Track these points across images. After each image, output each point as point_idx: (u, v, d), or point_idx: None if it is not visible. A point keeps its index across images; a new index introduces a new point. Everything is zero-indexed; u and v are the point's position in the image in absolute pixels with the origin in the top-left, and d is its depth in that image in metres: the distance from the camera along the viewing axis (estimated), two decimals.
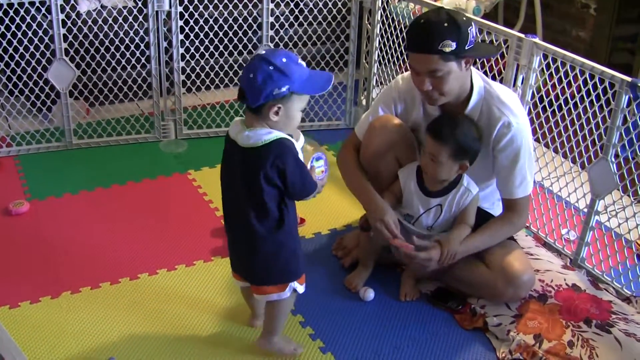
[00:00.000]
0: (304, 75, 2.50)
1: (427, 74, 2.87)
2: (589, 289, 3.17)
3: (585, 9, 5.51)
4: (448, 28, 2.77)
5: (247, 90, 2.45)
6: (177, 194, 4.05)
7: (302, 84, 2.49)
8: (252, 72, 2.43)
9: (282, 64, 2.43)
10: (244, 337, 2.98)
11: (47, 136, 4.49)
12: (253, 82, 2.42)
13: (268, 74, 2.41)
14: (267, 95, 2.43)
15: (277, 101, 2.47)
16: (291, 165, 2.50)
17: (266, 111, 2.49)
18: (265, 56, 2.44)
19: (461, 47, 2.79)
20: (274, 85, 2.43)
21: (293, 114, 2.55)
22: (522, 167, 2.96)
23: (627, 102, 3.03)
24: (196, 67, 4.71)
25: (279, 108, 2.48)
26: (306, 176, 2.58)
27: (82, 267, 3.37)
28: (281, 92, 2.45)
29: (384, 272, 3.32)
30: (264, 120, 2.52)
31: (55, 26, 4.14)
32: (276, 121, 2.51)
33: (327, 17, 4.74)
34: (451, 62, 2.82)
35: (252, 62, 2.46)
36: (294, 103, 2.53)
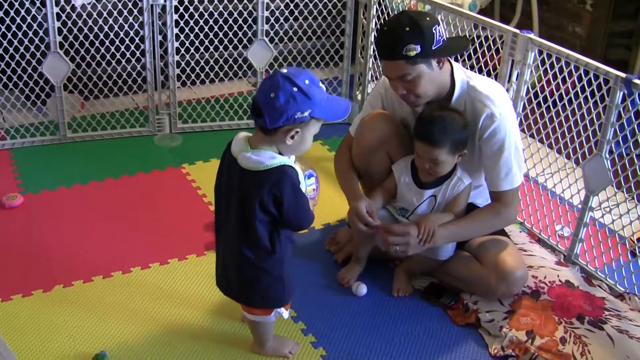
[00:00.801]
0: (324, 100, 2.37)
1: (399, 79, 2.88)
2: (583, 285, 3.17)
3: (581, 4, 5.49)
4: (410, 32, 2.77)
5: (266, 109, 2.29)
6: (171, 188, 4.04)
7: (322, 109, 2.36)
8: (273, 91, 2.27)
9: (306, 86, 2.29)
10: (236, 332, 2.97)
11: (42, 129, 4.48)
12: (273, 101, 2.27)
13: (291, 94, 2.27)
14: (288, 118, 2.30)
15: (296, 125, 2.34)
16: (289, 194, 2.37)
17: (282, 134, 2.36)
18: (289, 75, 2.29)
19: (427, 49, 2.79)
20: (297, 108, 2.29)
21: (307, 138, 2.43)
22: (507, 159, 2.95)
23: (621, 98, 3.02)
24: (191, 61, 4.69)
25: (296, 132, 2.36)
26: (303, 208, 2.46)
27: (75, 260, 3.36)
28: (303, 116, 2.32)
29: (377, 268, 3.31)
30: (275, 143, 2.40)
31: (50, 19, 4.13)
32: (289, 145, 2.39)
33: (323, 11, 4.73)
34: (419, 64, 2.82)
35: (274, 80, 2.30)
36: (310, 128, 2.41)
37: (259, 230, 2.43)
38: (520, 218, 3.64)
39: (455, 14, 3.82)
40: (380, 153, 3.16)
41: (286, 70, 2.33)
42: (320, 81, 2.39)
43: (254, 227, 2.42)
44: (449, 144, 2.90)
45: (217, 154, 4.27)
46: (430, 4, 3.99)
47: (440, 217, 3.01)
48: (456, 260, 3.14)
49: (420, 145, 2.95)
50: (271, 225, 2.45)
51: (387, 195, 3.17)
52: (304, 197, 2.46)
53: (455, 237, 3.06)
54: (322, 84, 2.38)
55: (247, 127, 4.71)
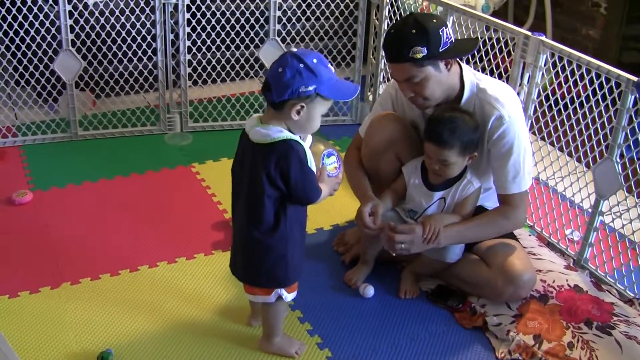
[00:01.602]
0: (332, 80, 2.46)
1: (406, 82, 2.88)
2: (591, 290, 3.15)
3: (595, 7, 5.48)
4: (416, 35, 2.77)
5: (273, 83, 2.40)
6: (180, 187, 4.04)
7: (329, 88, 2.44)
8: (281, 67, 2.39)
9: (313, 64, 2.39)
10: (242, 331, 2.97)
11: (53, 127, 4.49)
12: (281, 76, 2.38)
13: (297, 70, 2.37)
14: (292, 91, 2.39)
15: (301, 100, 2.42)
16: (295, 168, 2.45)
17: (288, 109, 2.44)
18: (297, 53, 2.40)
19: (433, 51, 2.79)
20: (302, 83, 2.38)
21: (314, 116, 2.50)
22: (515, 162, 2.93)
23: (633, 102, 3.00)
24: (202, 60, 4.70)
25: (301, 107, 2.44)
26: (310, 182, 2.52)
27: (83, 258, 3.37)
28: (307, 90, 2.40)
29: (384, 269, 3.30)
30: (284, 118, 2.47)
31: (62, 17, 4.14)
32: (296, 120, 2.46)
33: (335, 12, 4.73)
34: (426, 66, 2.82)
35: (283, 57, 2.41)
36: (317, 105, 2.48)
37: (266, 205, 2.49)
38: (529, 221, 3.63)
39: (467, 15, 3.81)
40: (389, 154, 3.15)
41: (296, 49, 2.45)
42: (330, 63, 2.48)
43: (261, 201, 2.49)
44: (458, 146, 2.89)
45: (228, 154, 4.34)
46: (442, 5, 3.98)
47: (447, 217, 3.00)
48: (464, 263, 3.13)
49: (429, 145, 2.94)
50: (279, 202, 2.52)
51: (396, 197, 3.16)
52: (310, 171, 2.52)
53: (461, 238, 3.05)
54: (332, 66, 2.47)
55: None
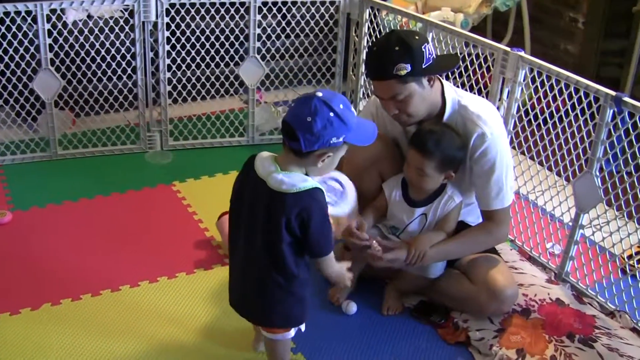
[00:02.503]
0: (356, 124, 2.37)
1: (390, 99, 2.88)
2: (573, 303, 3.16)
3: (573, 22, 5.52)
4: (399, 51, 2.76)
5: (302, 134, 2.27)
6: (161, 206, 4.03)
7: (354, 134, 2.37)
8: (310, 116, 2.26)
9: (341, 110, 2.29)
10: (226, 351, 2.96)
11: (32, 146, 4.46)
12: (311, 126, 2.26)
13: (329, 120, 2.27)
14: (323, 142, 2.29)
15: (330, 149, 2.35)
16: (316, 220, 2.34)
17: (314, 158, 2.36)
18: (325, 99, 2.28)
19: (417, 67, 2.79)
20: (333, 134, 2.29)
21: (335, 161, 2.45)
22: (498, 179, 2.94)
23: (611, 116, 3.02)
24: (182, 78, 4.69)
25: (328, 157, 2.37)
26: (326, 236, 2.42)
27: (64, 278, 3.34)
28: (338, 141, 2.32)
29: (368, 286, 3.29)
30: (306, 165, 2.40)
31: (41, 36, 4.12)
32: (319, 168, 2.40)
33: (315, 29, 4.73)
34: (410, 83, 2.82)
35: (310, 103, 2.28)
36: (340, 151, 2.42)
37: (285, 252, 2.39)
38: (511, 236, 3.64)
39: (447, 31, 3.83)
40: (372, 172, 3.16)
41: (321, 93, 2.31)
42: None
43: (281, 249, 2.38)
44: (438, 158, 2.90)
45: (209, 172, 4.33)
46: (422, 21, 4.00)
47: (432, 237, 3.00)
48: (446, 278, 3.13)
49: (412, 152, 2.95)
50: (295, 248, 2.41)
51: (378, 214, 3.16)
52: (329, 224, 2.42)
53: (445, 256, 3.06)
54: (353, 109, 2.38)
55: (238, 145, 4.72)
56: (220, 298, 3.24)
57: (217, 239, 3.66)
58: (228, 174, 4.33)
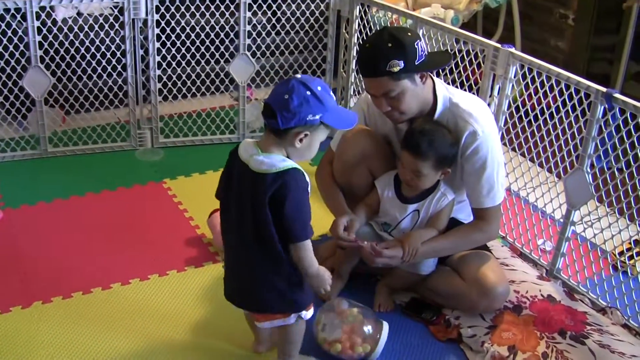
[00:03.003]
0: (334, 107, 2.44)
1: (383, 96, 2.87)
2: (564, 299, 3.16)
3: (563, 19, 5.52)
4: (392, 48, 2.77)
5: (279, 111, 2.34)
6: (152, 203, 4.02)
7: (333, 117, 2.42)
8: (288, 94, 2.34)
9: (318, 91, 2.37)
10: (217, 349, 2.95)
11: (22, 144, 4.45)
12: (287, 103, 2.33)
13: (305, 98, 2.34)
14: (300, 119, 2.35)
15: (306, 128, 2.40)
16: (292, 199, 2.38)
17: (292, 136, 2.41)
18: (303, 80, 2.37)
19: (410, 64, 2.78)
20: (309, 111, 2.35)
21: (315, 144, 2.49)
22: (489, 176, 2.95)
23: (602, 112, 3.02)
24: (173, 75, 4.68)
25: (305, 135, 2.42)
26: (302, 220, 2.44)
27: (54, 276, 3.33)
28: (314, 119, 2.38)
29: (359, 283, 3.29)
30: (285, 145, 2.44)
31: (31, 33, 4.10)
32: (297, 148, 2.44)
33: (305, 25, 4.73)
34: (403, 80, 2.81)
35: (288, 83, 2.37)
36: (319, 133, 2.47)
37: (273, 234, 2.43)
38: (502, 232, 3.64)
39: (437, 28, 3.82)
40: (362, 168, 3.15)
41: (300, 76, 2.42)
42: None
43: (269, 230, 2.42)
44: (434, 158, 2.90)
45: (199, 169, 4.32)
46: (412, 18, 3.99)
47: (423, 234, 3.00)
48: (437, 275, 3.13)
49: (405, 154, 2.94)
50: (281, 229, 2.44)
51: (370, 211, 3.15)
52: (306, 207, 2.46)
53: (437, 253, 3.06)
54: (332, 94, 2.45)
55: (229, 142, 4.71)
56: (212, 295, 3.24)
57: (208, 237, 3.65)
58: (219, 171, 4.20)
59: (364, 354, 2.83)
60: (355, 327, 2.84)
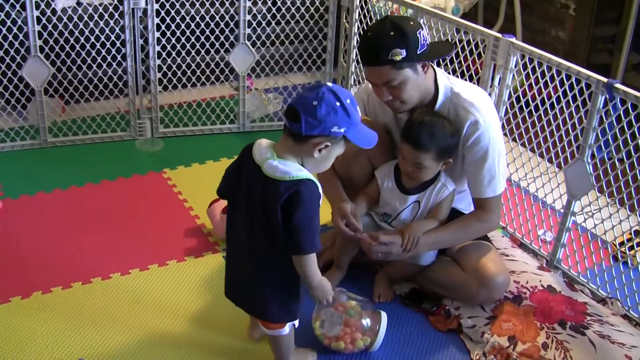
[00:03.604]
0: (358, 123, 2.40)
1: (384, 85, 2.86)
2: (565, 290, 3.16)
3: (564, 9, 5.51)
4: (394, 37, 2.75)
5: (304, 116, 2.28)
6: (151, 193, 4.02)
7: (355, 132, 2.37)
8: (317, 100, 2.28)
9: (347, 104, 2.31)
10: (217, 339, 2.95)
11: (22, 134, 4.44)
12: (315, 110, 2.27)
13: (334, 108, 2.28)
14: (324, 129, 2.29)
15: (328, 139, 2.34)
16: (302, 211, 2.31)
17: (311, 146, 2.34)
18: (334, 90, 2.31)
19: (412, 53, 2.77)
20: (336, 122, 2.30)
21: (332, 157, 2.43)
22: (490, 166, 2.94)
23: (603, 103, 3.02)
24: (172, 65, 4.66)
25: (325, 146, 2.35)
26: (311, 233, 2.36)
27: (54, 266, 3.33)
28: (339, 131, 2.32)
29: (358, 273, 3.29)
30: (302, 153, 2.38)
31: (30, 23, 4.09)
32: (315, 158, 2.38)
33: (305, 15, 4.72)
34: (405, 69, 2.80)
35: (318, 91, 2.30)
36: (338, 147, 2.41)
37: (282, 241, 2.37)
38: (502, 223, 3.63)
39: (438, 18, 3.81)
40: (362, 159, 3.14)
41: (331, 85, 2.34)
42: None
43: (279, 239, 2.36)
44: (435, 150, 2.89)
45: (199, 159, 4.32)
46: (413, 8, 3.98)
47: (424, 224, 2.99)
48: (437, 265, 3.13)
49: (406, 147, 2.93)
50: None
51: (370, 201, 3.15)
52: (317, 219, 2.39)
53: (439, 244, 3.05)
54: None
55: (229, 132, 4.70)
56: (211, 286, 3.24)
57: (208, 227, 3.65)
58: (219, 161, 4.32)
59: (364, 346, 2.83)
60: (355, 322, 2.82)
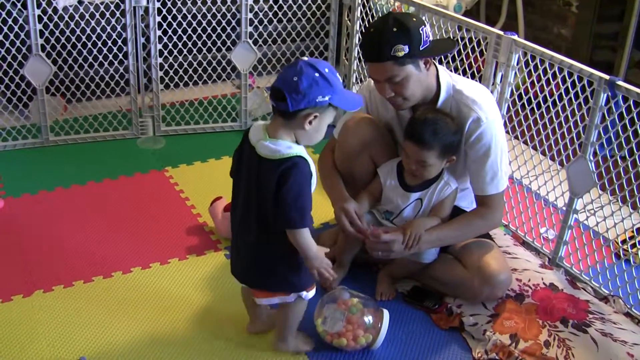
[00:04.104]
0: (341, 89, 2.47)
1: (386, 81, 2.86)
2: (567, 288, 3.15)
3: (567, 6, 5.50)
4: (397, 33, 2.75)
5: (289, 93, 2.36)
6: (153, 192, 4.01)
7: (340, 97, 2.44)
8: (297, 76, 2.35)
9: (326, 73, 2.39)
10: (220, 337, 2.94)
11: (24, 133, 4.44)
12: (297, 85, 2.35)
13: (314, 79, 2.36)
14: (309, 101, 2.37)
15: (316, 109, 2.42)
16: (292, 184, 2.41)
17: (301, 119, 2.43)
18: (310, 62, 2.39)
19: (414, 49, 2.77)
20: (319, 92, 2.37)
21: (323, 126, 2.50)
22: (493, 163, 2.93)
23: (605, 100, 3.01)
24: (174, 63, 4.66)
25: (314, 117, 2.43)
26: (299, 207, 2.45)
27: (55, 265, 3.33)
28: (324, 100, 2.39)
29: (360, 271, 3.29)
30: (293, 128, 2.46)
31: (32, 21, 4.09)
32: (307, 130, 2.45)
33: (307, 13, 4.71)
34: (407, 65, 2.80)
35: (296, 66, 2.38)
36: (327, 115, 2.48)
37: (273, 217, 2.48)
38: (504, 220, 3.63)
39: (440, 15, 3.81)
40: (364, 157, 3.14)
41: (307, 58, 2.44)
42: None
43: (271, 215, 2.47)
44: (438, 147, 2.88)
45: (201, 157, 4.32)
46: (415, 5, 3.98)
47: (427, 221, 2.99)
48: (439, 263, 3.12)
49: (409, 145, 2.92)
50: None
51: (372, 199, 3.14)
52: (307, 195, 2.47)
53: (441, 242, 3.04)
54: (338, 75, 2.48)
55: (231, 130, 4.70)
56: (214, 284, 3.24)
57: (210, 225, 3.65)
58: (220, 159, 4.31)
59: (366, 344, 2.83)
60: (357, 319, 2.83)
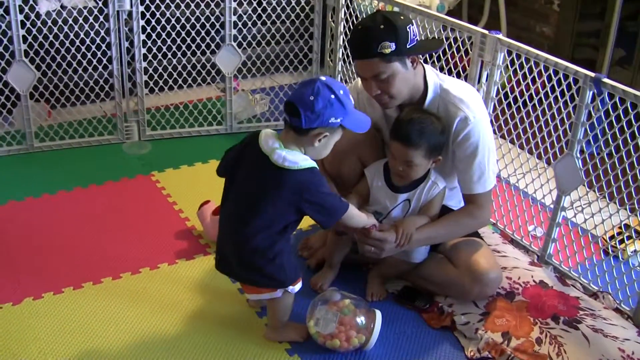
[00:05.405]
0: (353, 111, 2.60)
1: (373, 79, 2.86)
2: (556, 285, 3.17)
3: (548, 4, 5.53)
4: (384, 30, 2.76)
5: (304, 111, 2.48)
6: (140, 196, 3.99)
7: (351, 119, 2.58)
8: (313, 95, 2.47)
9: (341, 95, 2.51)
10: (211, 341, 2.94)
11: (8, 139, 4.41)
12: (312, 105, 2.47)
13: (329, 101, 2.48)
14: (322, 121, 2.51)
15: (326, 129, 2.56)
16: (316, 190, 2.57)
17: (311, 137, 2.56)
18: (328, 83, 2.50)
19: (401, 47, 2.78)
20: (332, 114, 2.51)
21: (330, 144, 2.66)
22: (480, 162, 2.94)
23: (591, 97, 3.03)
24: (159, 67, 4.64)
25: (324, 136, 2.57)
26: (331, 200, 2.64)
27: (44, 272, 3.31)
28: (335, 122, 2.53)
29: (351, 272, 3.29)
30: (304, 143, 2.59)
31: (14, 27, 4.07)
32: (315, 147, 2.60)
33: (291, 15, 4.72)
34: (393, 63, 2.81)
35: (314, 85, 2.49)
36: (336, 134, 2.63)
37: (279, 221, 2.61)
38: (492, 219, 3.64)
39: (424, 15, 3.82)
40: (352, 157, 3.14)
41: (325, 78, 2.55)
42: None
43: (273, 217, 2.60)
44: (425, 147, 2.89)
45: (188, 161, 4.31)
46: (399, 5, 3.98)
47: (417, 220, 2.99)
48: (429, 262, 3.13)
49: (395, 145, 2.92)
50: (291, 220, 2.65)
51: (361, 199, 3.14)
52: (329, 190, 2.66)
53: (431, 240, 3.05)
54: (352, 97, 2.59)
55: (216, 133, 4.70)
56: (204, 288, 3.23)
57: (198, 229, 3.64)
58: (207, 163, 4.31)
59: (359, 344, 2.83)
60: (349, 320, 2.83)
